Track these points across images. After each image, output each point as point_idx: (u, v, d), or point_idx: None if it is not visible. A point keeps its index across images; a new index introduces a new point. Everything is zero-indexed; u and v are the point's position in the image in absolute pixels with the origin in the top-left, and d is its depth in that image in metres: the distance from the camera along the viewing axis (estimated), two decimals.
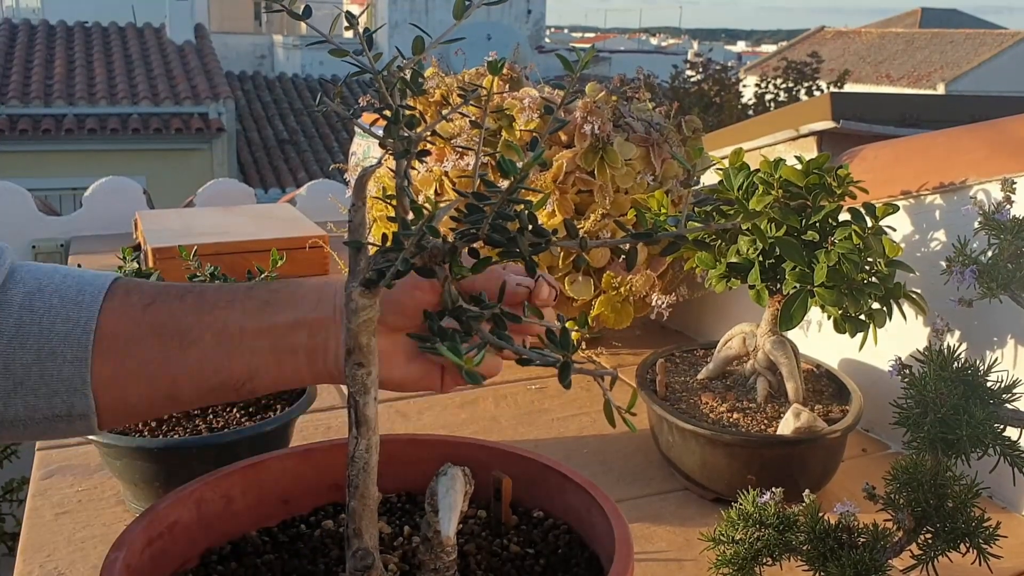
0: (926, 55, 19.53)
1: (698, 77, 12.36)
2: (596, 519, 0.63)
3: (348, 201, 1.82)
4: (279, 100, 12.27)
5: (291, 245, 2.00)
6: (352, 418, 0.54)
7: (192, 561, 0.63)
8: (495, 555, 0.64)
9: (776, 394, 1.09)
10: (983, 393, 0.77)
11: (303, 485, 0.68)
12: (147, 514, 0.60)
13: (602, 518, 0.62)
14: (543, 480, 0.68)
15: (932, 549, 0.75)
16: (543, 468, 0.68)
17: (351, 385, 0.54)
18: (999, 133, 1.14)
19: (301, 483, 0.68)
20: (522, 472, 0.68)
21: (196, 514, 0.63)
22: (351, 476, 0.54)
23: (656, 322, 1.47)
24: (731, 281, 1.08)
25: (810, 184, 1.05)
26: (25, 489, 1.57)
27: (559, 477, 0.67)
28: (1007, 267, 0.86)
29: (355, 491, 0.54)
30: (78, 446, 1.16)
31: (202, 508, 0.63)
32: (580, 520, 0.65)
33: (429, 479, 0.58)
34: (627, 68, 8.43)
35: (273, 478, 0.67)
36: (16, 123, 9.10)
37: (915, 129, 2.03)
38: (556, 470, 0.67)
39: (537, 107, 1.34)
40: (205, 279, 1.03)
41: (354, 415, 0.54)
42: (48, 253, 2.46)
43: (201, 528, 0.63)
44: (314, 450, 0.71)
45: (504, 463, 0.68)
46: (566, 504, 0.67)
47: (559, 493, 0.67)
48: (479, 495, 0.65)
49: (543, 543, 0.65)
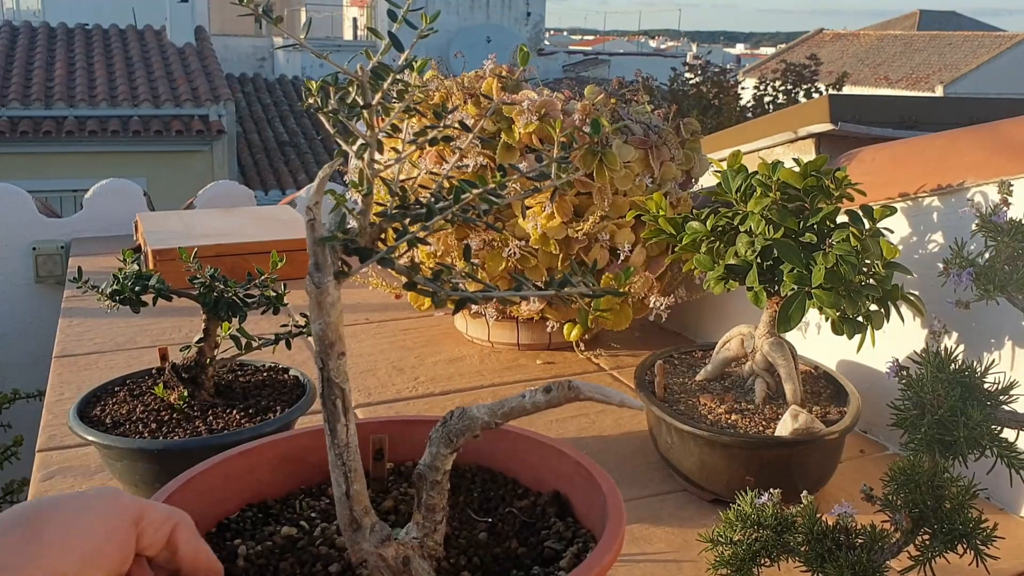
0: (924, 57, 19.55)
1: (697, 79, 12.36)
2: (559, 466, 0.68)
3: (348, 203, 1.82)
4: (279, 102, 12.27)
5: (291, 247, 2.00)
6: (339, 407, 0.55)
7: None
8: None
9: (774, 395, 1.09)
10: (980, 395, 0.78)
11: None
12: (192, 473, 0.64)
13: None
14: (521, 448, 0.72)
15: (930, 550, 0.76)
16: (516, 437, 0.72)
17: (336, 376, 0.54)
18: (997, 135, 1.15)
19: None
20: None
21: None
22: (347, 461, 0.55)
23: (655, 323, 1.47)
24: (729, 283, 1.09)
25: (808, 186, 1.05)
26: (25, 491, 1.57)
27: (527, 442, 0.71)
28: (1004, 269, 0.86)
29: (354, 475, 0.55)
30: (78, 448, 1.17)
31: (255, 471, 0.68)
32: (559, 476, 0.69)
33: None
34: (626, 71, 8.44)
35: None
36: (17, 125, 9.11)
37: (913, 131, 2.03)
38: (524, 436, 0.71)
39: (536, 110, 1.34)
40: (205, 281, 1.03)
41: (341, 404, 0.55)
42: (48, 255, 2.46)
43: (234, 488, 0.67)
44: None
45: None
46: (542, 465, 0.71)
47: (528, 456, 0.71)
48: None
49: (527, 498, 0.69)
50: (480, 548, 0.62)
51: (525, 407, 0.56)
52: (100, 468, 1.10)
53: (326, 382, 0.55)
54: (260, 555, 0.61)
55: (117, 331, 1.67)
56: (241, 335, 1.04)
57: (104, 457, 1.00)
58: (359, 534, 0.56)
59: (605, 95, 1.43)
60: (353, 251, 0.54)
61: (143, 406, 1.04)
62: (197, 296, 1.04)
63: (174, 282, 1.06)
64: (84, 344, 1.60)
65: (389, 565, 0.56)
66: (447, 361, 1.53)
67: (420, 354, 1.57)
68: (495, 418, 0.56)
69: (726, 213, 1.10)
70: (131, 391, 1.09)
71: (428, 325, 1.72)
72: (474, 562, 0.60)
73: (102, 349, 1.58)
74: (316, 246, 0.54)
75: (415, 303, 1.56)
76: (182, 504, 0.57)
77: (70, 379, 1.44)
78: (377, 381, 1.44)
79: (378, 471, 0.71)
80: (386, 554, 0.56)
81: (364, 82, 0.56)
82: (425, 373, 1.48)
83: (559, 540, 0.62)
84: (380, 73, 0.56)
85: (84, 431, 0.98)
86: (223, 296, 1.03)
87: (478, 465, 0.73)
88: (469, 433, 0.56)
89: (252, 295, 1.05)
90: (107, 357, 1.54)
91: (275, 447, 0.71)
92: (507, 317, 1.50)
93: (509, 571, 0.59)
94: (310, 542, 0.62)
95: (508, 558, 0.61)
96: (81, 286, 1.04)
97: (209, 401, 1.05)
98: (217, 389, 1.07)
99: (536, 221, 1.34)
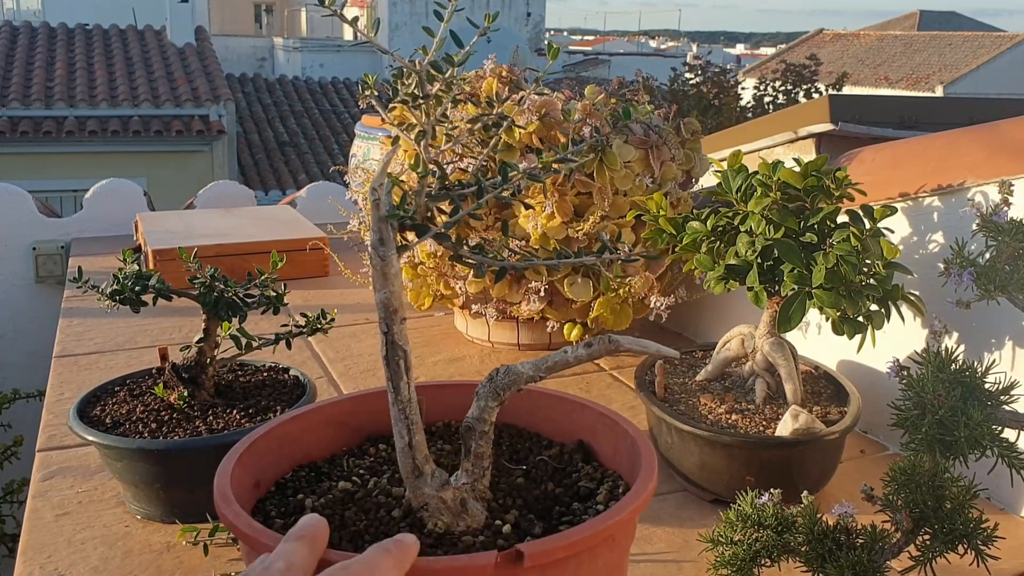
0: (924, 57, 19.54)
1: (697, 80, 12.35)
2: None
3: (348, 203, 1.82)
4: (279, 102, 12.27)
5: (291, 247, 2.00)
6: (402, 367, 0.61)
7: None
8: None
9: (775, 395, 1.09)
10: (981, 395, 0.78)
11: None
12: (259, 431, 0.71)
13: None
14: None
15: (930, 550, 0.76)
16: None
17: (399, 339, 0.61)
18: (997, 135, 1.15)
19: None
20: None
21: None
22: (409, 415, 0.61)
23: (655, 323, 1.47)
24: (730, 283, 1.08)
25: (808, 186, 1.05)
26: (25, 490, 1.57)
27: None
28: (1005, 269, 0.86)
29: (415, 427, 0.62)
30: (78, 448, 1.17)
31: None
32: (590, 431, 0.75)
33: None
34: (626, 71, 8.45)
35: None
36: (17, 125, 9.10)
37: (913, 131, 2.03)
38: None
39: (536, 110, 1.34)
40: (206, 281, 1.03)
41: (403, 364, 0.61)
42: (49, 255, 2.46)
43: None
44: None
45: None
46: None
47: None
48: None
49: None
50: (521, 491, 0.68)
51: (568, 360, 0.61)
52: (100, 468, 1.10)
53: (390, 345, 0.61)
54: (325, 506, 0.66)
55: (117, 331, 1.67)
56: (241, 335, 1.04)
57: (104, 457, 1.00)
58: (421, 480, 0.62)
59: (605, 95, 1.43)
60: (411, 227, 0.61)
61: (143, 406, 1.04)
62: (197, 296, 1.04)
63: (174, 282, 1.06)
64: (84, 344, 1.60)
65: (448, 507, 0.62)
66: (447, 361, 1.53)
67: (420, 354, 1.57)
68: (539, 372, 0.61)
69: (726, 213, 1.10)
70: (131, 391, 1.09)
71: (428, 325, 1.72)
72: (519, 502, 0.66)
73: (102, 349, 1.58)
74: (381, 222, 0.60)
75: (415, 303, 1.56)
76: (249, 464, 0.67)
77: (70, 379, 1.44)
78: (378, 381, 1.44)
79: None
80: (446, 497, 0.62)
81: (423, 75, 0.64)
82: (425, 373, 1.48)
83: (590, 480, 0.69)
84: (439, 66, 0.64)
85: (84, 431, 0.98)
86: (223, 296, 1.03)
87: (503, 423, 0.78)
88: (515, 387, 0.62)
89: (252, 295, 1.05)
90: (107, 357, 1.54)
91: (321, 412, 0.76)
92: (507, 317, 1.50)
93: (552, 508, 0.66)
94: (366, 494, 0.68)
95: (548, 498, 0.67)
96: (81, 286, 1.04)
97: (209, 401, 1.05)
98: (217, 389, 1.07)
99: (536, 221, 1.34)
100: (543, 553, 0.55)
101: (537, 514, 0.65)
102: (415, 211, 0.61)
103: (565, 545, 0.56)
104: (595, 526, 0.58)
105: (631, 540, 0.66)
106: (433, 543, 0.61)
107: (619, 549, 0.63)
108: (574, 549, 0.56)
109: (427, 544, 0.60)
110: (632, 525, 0.64)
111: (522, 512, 0.65)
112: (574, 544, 0.56)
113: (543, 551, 0.55)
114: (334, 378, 1.45)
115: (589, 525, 0.58)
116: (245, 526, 0.58)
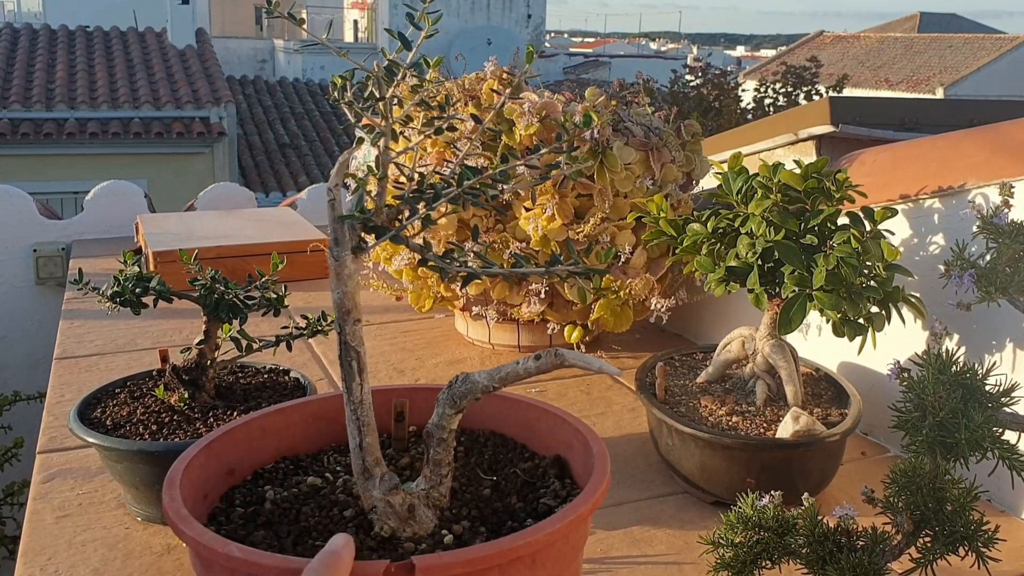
0: (925, 59, 19.54)
1: (697, 82, 12.37)
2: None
3: (348, 203, 1.82)
4: (280, 104, 12.28)
5: (292, 248, 2.00)
6: (355, 368, 0.61)
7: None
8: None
9: (775, 397, 1.09)
10: (982, 397, 0.78)
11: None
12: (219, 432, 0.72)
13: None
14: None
15: (931, 552, 0.75)
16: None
17: (352, 340, 0.60)
18: (998, 137, 1.15)
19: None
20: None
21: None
22: (360, 416, 0.61)
23: (655, 325, 1.47)
24: (730, 285, 1.09)
25: (809, 188, 1.05)
26: (26, 492, 1.57)
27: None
28: (1005, 271, 0.86)
29: (367, 428, 0.61)
30: (79, 450, 1.17)
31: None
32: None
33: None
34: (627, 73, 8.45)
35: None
36: (18, 127, 9.11)
37: (914, 133, 2.03)
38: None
39: (537, 112, 1.34)
40: (206, 283, 1.03)
41: (356, 365, 0.61)
42: (49, 256, 2.46)
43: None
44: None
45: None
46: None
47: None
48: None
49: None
50: (483, 502, 0.68)
51: (519, 372, 0.61)
52: (101, 470, 1.10)
53: (343, 345, 0.61)
54: (286, 500, 0.67)
55: (118, 333, 1.67)
56: (242, 337, 1.04)
57: (104, 459, 1.00)
58: (370, 482, 0.62)
59: (606, 97, 1.43)
60: (370, 229, 0.60)
61: (144, 408, 1.04)
62: (198, 298, 1.04)
63: (175, 284, 1.06)
64: (85, 346, 1.60)
65: (396, 511, 0.62)
66: (447, 363, 1.53)
67: (421, 356, 1.57)
68: (493, 382, 0.62)
69: (727, 215, 1.10)
70: (131, 393, 1.09)
71: (429, 327, 1.72)
72: (474, 513, 0.66)
73: (103, 351, 1.58)
74: (336, 223, 0.60)
75: (416, 305, 1.56)
76: (220, 450, 0.68)
77: (71, 381, 1.44)
78: (377, 383, 1.44)
79: (399, 432, 0.77)
80: (393, 501, 0.62)
81: (380, 78, 0.64)
82: (426, 375, 1.48)
83: (554, 497, 0.68)
84: (393, 70, 0.64)
85: (85, 433, 0.98)
86: (224, 298, 1.03)
87: (492, 431, 0.78)
88: (471, 396, 0.62)
89: (253, 297, 1.05)
90: (107, 359, 1.54)
91: (307, 407, 0.77)
92: (508, 319, 1.50)
93: (505, 522, 0.65)
94: (331, 490, 0.68)
95: (506, 511, 0.67)
96: (82, 288, 1.04)
97: (209, 403, 1.05)
98: (217, 391, 1.07)
99: (537, 223, 1.34)
100: (438, 567, 0.53)
101: (491, 527, 0.64)
102: (374, 213, 0.61)
103: (463, 561, 0.54)
104: (501, 545, 0.56)
105: (566, 564, 0.63)
106: (376, 546, 0.60)
107: (543, 571, 0.59)
108: (473, 567, 0.54)
109: (369, 547, 0.60)
110: (556, 550, 0.60)
111: (475, 524, 0.64)
112: (472, 561, 0.54)
113: (437, 565, 0.53)
114: (335, 380, 1.45)
115: (494, 544, 0.56)
116: (174, 514, 0.60)
